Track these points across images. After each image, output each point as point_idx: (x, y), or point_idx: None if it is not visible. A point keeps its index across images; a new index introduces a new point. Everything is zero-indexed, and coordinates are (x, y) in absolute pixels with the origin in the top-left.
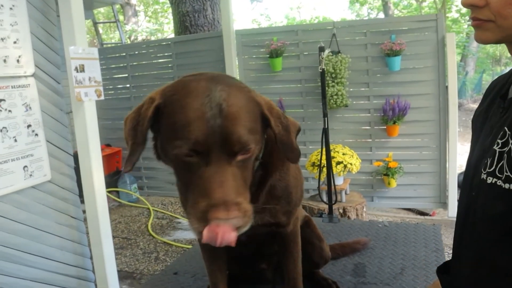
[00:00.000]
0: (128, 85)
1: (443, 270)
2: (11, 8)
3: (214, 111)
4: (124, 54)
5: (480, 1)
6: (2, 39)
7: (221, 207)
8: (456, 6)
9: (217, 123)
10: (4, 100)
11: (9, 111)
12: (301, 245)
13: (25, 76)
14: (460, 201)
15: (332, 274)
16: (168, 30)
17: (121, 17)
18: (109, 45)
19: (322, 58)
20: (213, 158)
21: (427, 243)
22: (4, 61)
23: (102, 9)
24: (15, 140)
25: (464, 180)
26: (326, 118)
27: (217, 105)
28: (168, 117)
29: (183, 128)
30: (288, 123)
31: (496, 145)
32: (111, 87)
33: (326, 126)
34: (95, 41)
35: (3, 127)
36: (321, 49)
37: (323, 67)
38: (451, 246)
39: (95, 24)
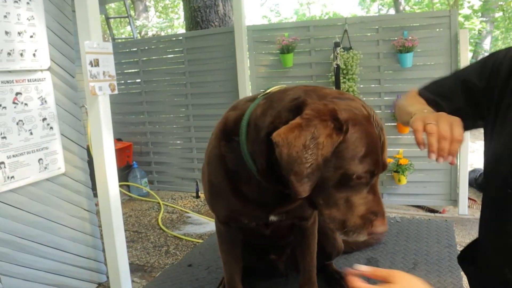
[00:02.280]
0: (139, 80)
1: (465, 260)
2: (28, 3)
3: (381, 141)
4: (135, 49)
5: None
6: (19, 33)
7: (383, 218)
8: (469, 2)
9: (384, 153)
10: (20, 93)
11: (25, 104)
12: None
13: (41, 70)
14: (488, 194)
15: (344, 268)
16: (178, 26)
17: (131, 12)
18: (121, 40)
19: (338, 54)
20: (374, 180)
21: (440, 238)
22: (21, 55)
23: (113, 5)
24: (31, 133)
25: (491, 172)
26: None
27: (380, 135)
28: (352, 139)
29: (373, 152)
30: None
31: None
32: (122, 82)
33: None
34: (105, 36)
35: (19, 120)
36: (337, 45)
37: (338, 63)
38: (462, 244)
39: (107, 19)
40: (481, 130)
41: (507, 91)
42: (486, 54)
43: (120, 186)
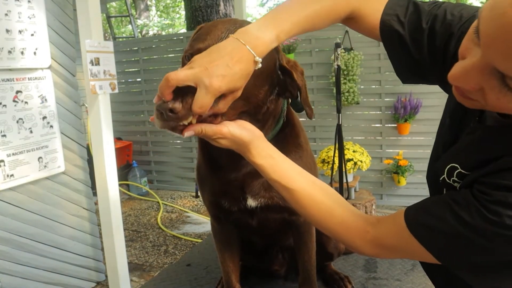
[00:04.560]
0: (139, 79)
1: None
2: (29, 1)
3: (216, 37)
4: (136, 48)
5: (473, 87)
6: (20, 32)
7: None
8: (470, 4)
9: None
10: (21, 91)
11: (26, 102)
12: (316, 236)
13: (42, 68)
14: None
15: (343, 269)
16: (179, 25)
17: (132, 11)
18: (122, 39)
19: (338, 54)
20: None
21: None
22: (22, 53)
23: (114, 3)
24: (31, 132)
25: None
26: (340, 115)
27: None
28: (196, 35)
29: (196, 40)
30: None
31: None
32: (123, 81)
33: (340, 123)
34: (106, 35)
35: (19, 119)
36: (338, 46)
37: (339, 63)
38: None
39: (108, 18)
40: None
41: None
42: None
43: (120, 185)
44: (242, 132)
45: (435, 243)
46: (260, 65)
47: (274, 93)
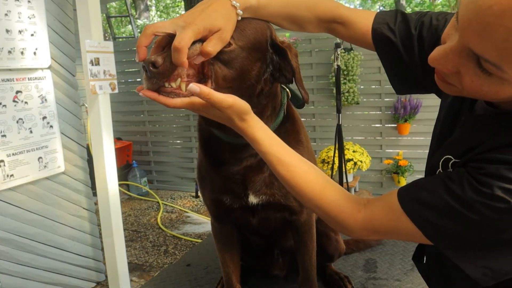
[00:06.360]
0: (139, 79)
1: (418, 258)
2: (29, 1)
3: None
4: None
5: (450, 70)
6: (20, 32)
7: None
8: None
9: None
10: (20, 91)
11: (25, 102)
12: (316, 238)
13: (41, 69)
14: None
15: (343, 269)
16: None
17: (132, 11)
18: (122, 39)
19: (338, 55)
20: None
21: None
22: (22, 53)
23: (114, 3)
24: (31, 132)
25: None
26: (340, 115)
27: None
28: None
29: None
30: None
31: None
32: (123, 81)
33: (340, 123)
34: (106, 35)
35: (19, 119)
36: (337, 46)
37: (339, 64)
38: None
39: (108, 18)
40: None
41: (464, 105)
42: None
43: (120, 185)
44: (242, 101)
45: (425, 219)
46: (240, 12)
47: (268, 72)
